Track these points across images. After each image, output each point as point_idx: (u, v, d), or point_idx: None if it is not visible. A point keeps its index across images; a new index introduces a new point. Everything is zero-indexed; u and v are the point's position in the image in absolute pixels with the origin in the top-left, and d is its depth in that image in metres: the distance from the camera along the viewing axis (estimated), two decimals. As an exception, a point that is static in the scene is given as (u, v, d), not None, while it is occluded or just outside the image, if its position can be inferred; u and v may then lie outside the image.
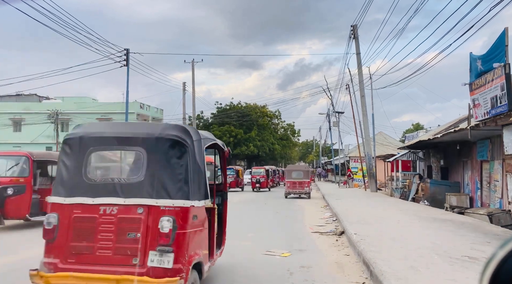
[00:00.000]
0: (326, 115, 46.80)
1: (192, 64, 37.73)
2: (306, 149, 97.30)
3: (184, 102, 38.57)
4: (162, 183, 4.04)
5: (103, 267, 3.88)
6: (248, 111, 50.16)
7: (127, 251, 3.91)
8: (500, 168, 12.64)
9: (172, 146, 4.14)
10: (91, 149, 4.28)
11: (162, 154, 4.13)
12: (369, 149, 25.90)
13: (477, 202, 15.09)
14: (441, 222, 10.85)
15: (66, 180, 4.20)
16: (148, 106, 48.08)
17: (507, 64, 9.65)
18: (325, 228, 10.89)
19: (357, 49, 25.69)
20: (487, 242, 7.77)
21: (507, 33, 9.82)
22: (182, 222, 3.97)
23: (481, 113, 11.10)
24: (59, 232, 4.03)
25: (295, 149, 76.47)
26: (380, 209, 14.69)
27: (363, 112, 25.68)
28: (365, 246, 7.13)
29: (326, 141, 60.80)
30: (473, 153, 15.41)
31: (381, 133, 42.65)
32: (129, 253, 3.90)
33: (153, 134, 4.24)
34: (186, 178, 4.10)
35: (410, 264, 5.85)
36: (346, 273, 6.22)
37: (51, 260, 3.98)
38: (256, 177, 29.10)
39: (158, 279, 3.72)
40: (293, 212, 15.54)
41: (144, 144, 4.18)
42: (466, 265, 5.83)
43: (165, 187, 4.03)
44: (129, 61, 25.69)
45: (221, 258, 6.60)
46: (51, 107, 40.25)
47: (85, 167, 4.19)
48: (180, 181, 4.08)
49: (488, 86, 10.53)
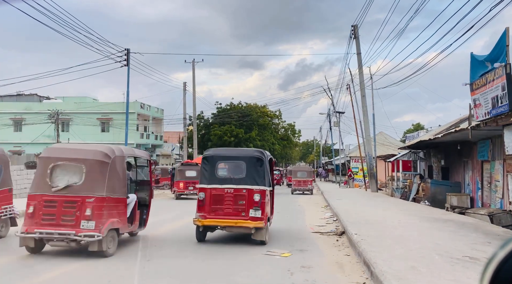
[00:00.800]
0: (327, 115, 46.79)
1: (193, 64, 37.74)
2: (307, 149, 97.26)
3: (185, 102, 38.59)
4: (254, 178, 8.33)
5: (228, 217, 8.20)
6: (248, 111, 50.17)
7: (239, 209, 8.23)
8: (501, 168, 12.63)
9: (258, 160, 8.51)
10: (218, 161, 8.77)
11: (254, 164, 8.48)
12: (369, 149, 25.88)
13: (478, 202, 15.08)
14: (442, 222, 10.85)
15: (207, 176, 8.52)
16: (148, 106, 48.08)
17: (508, 64, 9.64)
18: (326, 228, 10.89)
19: (357, 49, 25.68)
20: (488, 242, 7.77)
21: (507, 33, 9.80)
22: (262, 196, 8.25)
23: (482, 113, 11.09)
24: (205, 201, 8.34)
25: (295, 149, 76.45)
26: (381, 209, 14.68)
27: (363, 112, 25.67)
28: (365, 246, 7.12)
29: (326, 141, 60.77)
30: (474, 153, 15.40)
31: (381, 133, 42.62)
32: (240, 210, 8.22)
33: (250, 154, 8.75)
34: (263, 175, 8.43)
35: (411, 264, 5.85)
36: (347, 273, 6.21)
37: (201, 214, 8.26)
38: None
39: (254, 221, 8.06)
40: (293, 212, 15.54)
41: (245, 159, 8.62)
42: (467, 265, 5.82)
43: (255, 180, 8.34)
44: (129, 61, 25.69)
45: (221, 259, 6.96)
46: (51, 107, 40.25)
47: (216, 170, 8.62)
48: (261, 177, 8.38)
49: (489, 86, 10.52)
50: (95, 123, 43.41)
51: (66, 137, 38.05)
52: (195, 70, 38.10)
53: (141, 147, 44.34)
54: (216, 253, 7.66)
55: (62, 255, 7.17)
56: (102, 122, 44.38)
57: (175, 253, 7.59)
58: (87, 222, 6.77)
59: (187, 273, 6.24)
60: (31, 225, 6.89)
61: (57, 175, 7.12)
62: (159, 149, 50.72)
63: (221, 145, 48.64)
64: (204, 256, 7.30)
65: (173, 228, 10.95)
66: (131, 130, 36.36)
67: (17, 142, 43.51)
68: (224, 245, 8.50)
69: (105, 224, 6.90)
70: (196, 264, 6.81)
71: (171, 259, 7.09)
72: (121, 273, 6.23)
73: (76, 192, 6.93)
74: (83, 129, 42.11)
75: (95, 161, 7.14)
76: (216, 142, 48.68)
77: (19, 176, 18.16)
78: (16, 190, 17.78)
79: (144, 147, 45.08)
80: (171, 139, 58.88)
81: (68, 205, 6.89)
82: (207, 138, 49.74)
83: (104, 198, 6.99)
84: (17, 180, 17.91)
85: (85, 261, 6.77)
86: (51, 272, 6.20)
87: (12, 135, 44.42)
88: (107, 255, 6.96)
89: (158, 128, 51.13)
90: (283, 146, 55.89)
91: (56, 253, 7.28)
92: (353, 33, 25.74)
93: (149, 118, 48.57)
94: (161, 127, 51.46)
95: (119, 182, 7.46)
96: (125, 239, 8.49)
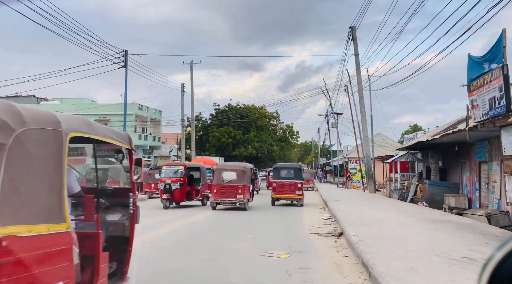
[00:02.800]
0: (325, 117, 46.85)
1: (191, 65, 37.71)
2: (305, 150, 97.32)
3: (183, 103, 38.51)
4: (298, 178, 18.93)
5: (288, 194, 18.55)
6: (246, 113, 50.16)
7: (295, 190, 18.33)
8: (498, 169, 12.66)
9: (299, 169, 19.67)
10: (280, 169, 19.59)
11: (297, 171, 19.28)
12: (367, 150, 25.92)
13: (476, 203, 15.11)
14: (440, 223, 10.86)
15: (275, 176, 19.26)
16: (146, 108, 48.02)
17: (505, 65, 9.67)
18: (324, 229, 10.89)
19: (355, 51, 25.73)
20: (485, 243, 7.78)
21: (505, 35, 9.84)
22: (302, 185, 18.77)
23: (479, 114, 11.11)
24: (277, 187, 18.70)
25: (294, 150, 76.49)
26: (379, 210, 14.69)
27: (361, 113, 25.71)
28: (363, 247, 7.12)
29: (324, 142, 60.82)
30: (472, 154, 15.43)
31: (379, 135, 42.69)
32: (293, 188, 18.38)
33: (296, 166, 20.64)
34: (301, 176, 19.41)
35: (409, 265, 5.85)
36: (345, 274, 6.21)
37: (273, 193, 18.89)
38: None
39: (299, 196, 18.41)
40: (292, 213, 15.54)
41: (296, 168, 19.75)
42: (465, 266, 5.83)
43: (299, 178, 19.03)
44: (127, 62, 25.67)
45: (219, 260, 6.86)
46: (49, 108, 40.09)
47: (279, 173, 19.33)
48: (301, 177, 19.39)
49: (486, 87, 10.54)
50: (93, 125, 43.27)
51: (63, 139, 37.86)
52: (193, 71, 38.04)
53: (139, 148, 44.30)
54: (215, 255, 7.64)
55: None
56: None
57: (173, 255, 7.57)
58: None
59: (186, 274, 6.23)
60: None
61: None
62: (157, 150, 50.65)
63: (219, 147, 48.63)
64: (203, 257, 7.29)
65: (173, 230, 10.93)
66: (129, 131, 36.26)
67: (15, 143, 43.28)
68: (222, 246, 8.49)
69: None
70: (195, 265, 6.80)
71: (170, 259, 7.07)
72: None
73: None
74: (81, 130, 41.93)
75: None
76: (214, 143, 48.67)
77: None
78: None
79: (142, 148, 45.02)
80: (169, 141, 58.80)
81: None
82: (205, 139, 49.72)
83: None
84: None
85: None
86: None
87: (10, 137, 44.21)
88: (246, 208, 10.60)
89: (156, 130, 51.07)
90: (281, 147, 55.90)
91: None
92: (351, 35, 25.79)
93: (147, 119, 48.50)
94: (159, 128, 51.40)
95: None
96: None
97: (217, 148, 48.71)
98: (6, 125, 2.50)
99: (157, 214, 14.18)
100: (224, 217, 14.17)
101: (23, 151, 2.62)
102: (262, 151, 50.32)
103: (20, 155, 2.58)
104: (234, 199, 16.03)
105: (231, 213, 15.29)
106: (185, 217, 13.82)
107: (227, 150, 48.71)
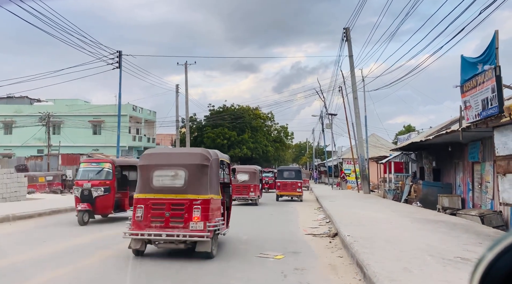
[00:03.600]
0: (319, 117, 46.95)
1: (185, 66, 37.64)
2: (300, 151, 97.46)
3: (177, 104, 38.43)
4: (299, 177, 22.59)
5: (290, 191, 21.72)
6: (241, 114, 50.15)
7: (296, 188, 21.50)
8: (491, 169, 12.76)
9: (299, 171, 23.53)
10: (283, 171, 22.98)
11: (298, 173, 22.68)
12: (362, 151, 26.01)
13: (469, 203, 15.22)
14: (434, 223, 10.93)
15: (279, 177, 22.81)
16: (141, 109, 47.85)
17: (498, 66, 9.75)
18: (319, 230, 10.91)
19: (349, 52, 25.81)
20: (479, 243, 7.84)
21: (497, 36, 9.92)
22: (301, 184, 22.58)
23: (472, 115, 11.19)
24: (281, 186, 21.96)
25: (288, 150, 76.59)
26: (373, 210, 14.75)
27: (356, 114, 25.80)
28: (358, 247, 7.15)
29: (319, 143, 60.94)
30: (465, 155, 15.54)
31: (373, 135, 42.86)
32: (294, 189, 21.49)
33: (296, 169, 25.06)
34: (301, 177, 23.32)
35: (403, 265, 5.88)
36: (340, 275, 6.23)
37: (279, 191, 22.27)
38: None
39: (299, 193, 21.72)
40: (286, 214, 15.56)
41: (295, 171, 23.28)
42: (459, 266, 5.87)
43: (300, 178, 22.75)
44: (121, 63, 25.58)
45: (215, 261, 6.80)
46: (42, 109, 39.86)
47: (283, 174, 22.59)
48: (301, 177, 23.00)
49: (479, 88, 10.62)
50: (87, 126, 43.13)
51: (57, 140, 37.69)
52: (188, 72, 38.04)
53: (133, 149, 44.10)
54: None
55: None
56: (94, 125, 44.08)
57: (167, 255, 7.55)
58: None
59: (180, 275, 6.21)
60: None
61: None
62: (152, 152, 50.42)
63: (214, 147, 48.55)
64: (198, 259, 7.27)
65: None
66: (123, 133, 36.13)
67: (7, 144, 43.02)
68: (219, 248, 8.47)
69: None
70: (190, 266, 6.78)
71: (163, 261, 7.05)
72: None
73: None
74: (75, 132, 41.79)
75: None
76: (209, 144, 48.56)
77: (9, 179, 17.90)
78: (6, 194, 17.56)
79: (136, 149, 44.83)
80: (163, 142, 58.62)
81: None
82: (200, 140, 49.61)
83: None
84: (7, 183, 17.64)
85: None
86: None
87: (2, 138, 43.94)
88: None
89: (150, 131, 50.91)
90: (276, 148, 55.95)
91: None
92: (345, 36, 25.88)
93: (142, 120, 48.34)
94: (153, 129, 51.24)
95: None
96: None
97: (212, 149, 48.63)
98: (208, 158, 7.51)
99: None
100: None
101: (212, 168, 7.55)
102: (257, 152, 50.33)
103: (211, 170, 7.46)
104: (247, 196, 18.80)
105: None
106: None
107: (221, 151, 48.59)
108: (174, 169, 7.38)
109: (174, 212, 7.02)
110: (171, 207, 7.06)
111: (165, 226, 6.95)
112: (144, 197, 7.17)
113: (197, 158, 7.41)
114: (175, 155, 8.14)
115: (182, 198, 7.08)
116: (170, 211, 7.04)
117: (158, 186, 7.23)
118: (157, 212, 7.05)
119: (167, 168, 7.38)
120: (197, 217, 6.92)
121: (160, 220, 7.04)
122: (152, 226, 6.98)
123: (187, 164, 7.35)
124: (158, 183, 7.29)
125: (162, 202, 7.08)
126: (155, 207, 7.10)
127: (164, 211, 7.04)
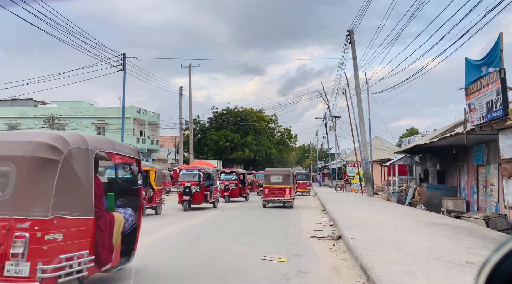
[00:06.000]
0: (323, 120, 46.88)
1: (189, 68, 37.76)
2: (303, 153, 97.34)
3: (181, 106, 38.56)
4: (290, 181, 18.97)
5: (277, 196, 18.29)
6: (244, 116, 50.19)
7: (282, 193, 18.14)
8: (496, 172, 12.68)
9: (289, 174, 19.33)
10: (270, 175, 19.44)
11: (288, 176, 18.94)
12: (366, 153, 25.95)
13: (474, 206, 15.13)
14: (438, 226, 10.86)
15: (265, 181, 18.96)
16: (144, 111, 47.98)
17: (502, 69, 9.71)
18: (322, 233, 10.87)
19: (353, 54, 25.81)
20: (484, 247, 7.78)
21: (502, 39, 9.88)
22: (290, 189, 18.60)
23: (477, 117, 11.14)
24: (268, 191, 18.19)
25: (292, 153, 76.50)
26: (377, 213, 14.69)
27: (359, 116, 25.77)
28: (362, 250, 7.12)
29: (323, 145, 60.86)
30: (469, 157, 15.46)
31: (377, 138, 42.75)
32: (282, 193, 18.12)
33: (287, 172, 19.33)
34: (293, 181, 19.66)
35: (407, 268, 5.85)
36: (343, 278, 6.20)
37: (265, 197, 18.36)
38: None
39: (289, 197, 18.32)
40: (290, 216, 15.52)
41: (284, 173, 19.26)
42: (463, 270, 5.83)
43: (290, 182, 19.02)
44: (125, 65, 25.69)
45: (219, 262, 6.69)
46: (47, 112, 40.06)
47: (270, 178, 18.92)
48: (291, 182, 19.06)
49: (483, 90, 10.58)
50: (91, 128, 43.29)
51: (61, 142, 37.78)
52: (193, 75, 38.14)
53: (137, 151, 44.12)
54: (212, 258, 7.62)
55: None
56: (98, 127, 44.22)
57: (169, 258, 7.55)
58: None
59: (184, 278, 6.21)
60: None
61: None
62: (155, 154, 50.58)
63: (217, 150, 48.60)
64: (201, 261, 7.27)
65: (170, 235, 10.90)
66: (127, 135, 36.24)
67: (12, 146, 43.13)
68: (220, 250, 8.47)
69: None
70: (193, 268, 6.77)
71: (166, 264, 7.05)
72: None
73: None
74: (79, 134, 41.90)
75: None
76: (212, 146, 48.63)
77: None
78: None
79: (140, 151, 44.95)
80: (167, 144, 58.77)
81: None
82: (203, 143, 49.69)
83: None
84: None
85: None
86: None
87: (7, 140, 44.07)
88: None
89: (154, 133, 51.01)
90: (280, 150, 55.91)
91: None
92: (349, 38, 25.88)
93: (145, 123, 48.46)
94: (157, 132, 51.36)
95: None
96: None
97: (215, 151, 48.68)
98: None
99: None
100: (226, 218, 14.14)
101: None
102: (260, 154, 50.31)
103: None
104: (282, 198, 18.60)
105: (232, 214, 15.28)
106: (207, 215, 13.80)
107: (225, 153, 48.69)
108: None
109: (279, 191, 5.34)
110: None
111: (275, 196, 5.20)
112: (267, 186, 7.76)
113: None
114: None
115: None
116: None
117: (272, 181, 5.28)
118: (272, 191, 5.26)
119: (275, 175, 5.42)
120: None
121: None
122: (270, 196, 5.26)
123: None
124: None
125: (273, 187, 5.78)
126: None
127: None
